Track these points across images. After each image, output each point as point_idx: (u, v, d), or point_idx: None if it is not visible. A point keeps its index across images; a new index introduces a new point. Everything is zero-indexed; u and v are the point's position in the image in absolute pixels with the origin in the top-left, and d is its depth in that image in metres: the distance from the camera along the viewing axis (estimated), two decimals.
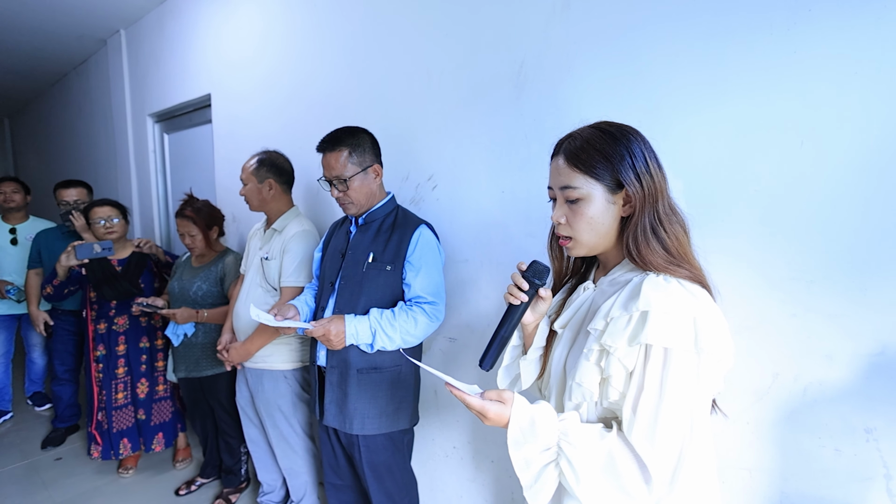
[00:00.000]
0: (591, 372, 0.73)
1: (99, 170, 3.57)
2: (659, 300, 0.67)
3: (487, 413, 0.71)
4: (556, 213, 0.79)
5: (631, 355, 0.69)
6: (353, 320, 1.26)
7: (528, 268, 0.81)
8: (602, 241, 0.77)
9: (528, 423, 0.70)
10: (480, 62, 1.39)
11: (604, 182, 0.73)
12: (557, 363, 0.83)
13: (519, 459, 0.70)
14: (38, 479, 2.33)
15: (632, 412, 0.68)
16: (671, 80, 1.05)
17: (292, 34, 1.97)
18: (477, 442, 1.52)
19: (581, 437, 0.69)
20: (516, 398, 0.72)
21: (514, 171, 1.35)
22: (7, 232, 2.76)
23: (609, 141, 0.73)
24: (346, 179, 1.30)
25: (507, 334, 0.82)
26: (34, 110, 4.88)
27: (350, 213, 1.36)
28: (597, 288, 0.83)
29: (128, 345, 2.20)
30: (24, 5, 2.68)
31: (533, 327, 0.89)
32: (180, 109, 2.73)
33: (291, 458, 1.79)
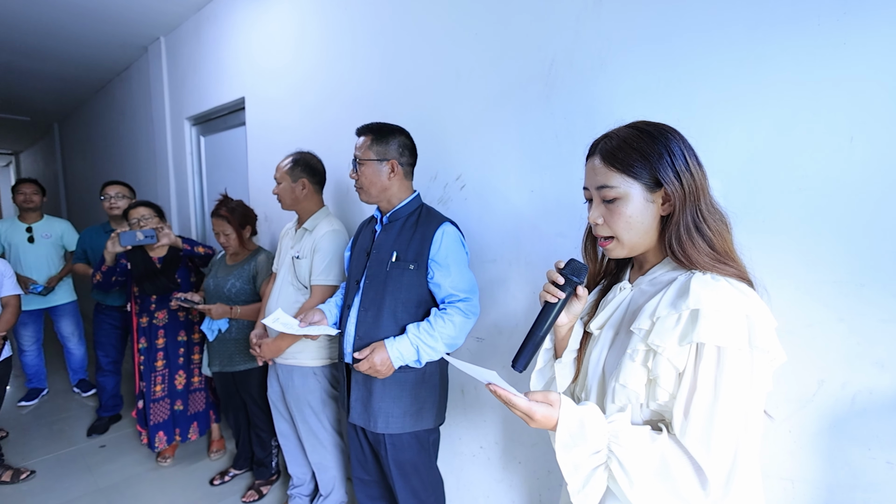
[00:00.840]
0: (637, 373, 0.72)
1: (140, 171, 3.73)
2: (710, 298, 0.65)
3: (534, 415, 0.69)
4: (593, 214, 0.78)
5: (681, 355, 0.67)
6: (394, 343, 1.28)
7: (565, 265, 0.81)
8: (642, 241, 0.76)
9: (577, 425, 0.68)
10: (510, 61, 1.38)
11: (642, 181, 0.72)
12: (595, 365, 0.82)
13: (567, 463, 0.68)
14: (84, 464, 2.46)
15: (683, 414, 0.67)
16: (709, 74, 1.02)
17: (324, 38, 2.01)
18: (504, 442, 1.51)
19: (632, 440, 0.67)
20: (563, 400, 0.70)
21: (544, 171, 1.34)
22: (24, 231, 2.97)
23: (647, 140, 0.72)
24: (359, 159, 1.35)
25: (542, 334, 0.81)
26: (81, 115, 5.15)
27: (361, 199, 1.40)
28: (634, 288, 0.81)
29: (167, 338, 2.30)
30: (73, 15, 2.83)
31: (567, 329, 0.88)
32: (216, 112, 2.83)
33: (320, 453, 1.82)
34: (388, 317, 1.33)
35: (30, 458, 2.48)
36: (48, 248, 3.04)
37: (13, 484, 2.25)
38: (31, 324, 3.10)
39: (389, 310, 1.33)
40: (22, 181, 3.03)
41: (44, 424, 2.90)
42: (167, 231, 2.16)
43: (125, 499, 2.16)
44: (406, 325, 1.33)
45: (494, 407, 1.53)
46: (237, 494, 2.17)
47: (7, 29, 3.01)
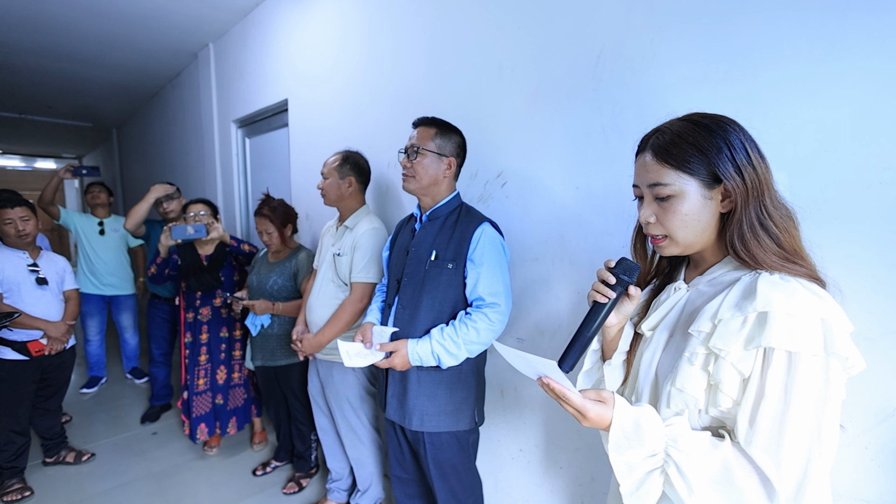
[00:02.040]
0: (696, 377, 0.68)
1: (190, 172, 3.92)
2: (780, 300, 0.61)
3: (588, 413, 0.67)
4: (645, 212, 0.74)
5: (747, 360, 0.63)
6: (414, 346, 1.28)
7: (616, 264, 0.77)
8: (699, 239, 0.72)
9: (632, 426, 0.66)
10: (555, 54, 1.34)
11: (699, 177, 0.68)
12: (648, 368, 0.78)
13: (620, 464, 0.66)
14: (138, 449, 2.60)
15: (749, 422, 0.63)
16: (775, 60, 0.95)
17: (366, 38, 2.03)
18: (545, 446, 1.48)
19: (692, 445, 0.64)
20: (618, 399, 0.68)
21: (589, 167, 1.29)
22: (96, 224, 3.29)
23: (703, 133, 0.68)
24: (419, 148, 1.33)
25: (590, 334, 0.78)
26: (136, 121, 5.47)
27: (408, 187, 1.36)
28: (691, 288, 0.77)
29: (209, 334, 2.39)
30: (131, 26, 3.00)
31: (616, 330, 0.85)
32: (260, 114, 2.92)
33: (358, 449, 1.84)
34: (425, 316, 1.32)
35: (90, 442, 2.65)
36: (116, 240, 3.34)
37: (76, 465, 2.41)
38: (97, 314, 3.35)
39: (426, 309, 1.32)
40: (92, 184, 3.38)
41: (103, 410, 3.10)
42: (217, 226, 2.25)
43: (175, 484, 2.26)
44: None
45: (535, 409, 1.50)
46: (278, 485, 2.23)
47: (74, 41, 3.23)
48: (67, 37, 3.16)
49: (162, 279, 2.37)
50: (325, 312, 1.77)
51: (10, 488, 2.12)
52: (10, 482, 2.13)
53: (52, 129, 6.39)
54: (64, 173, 2.99)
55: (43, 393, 2.30)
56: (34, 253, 2.20)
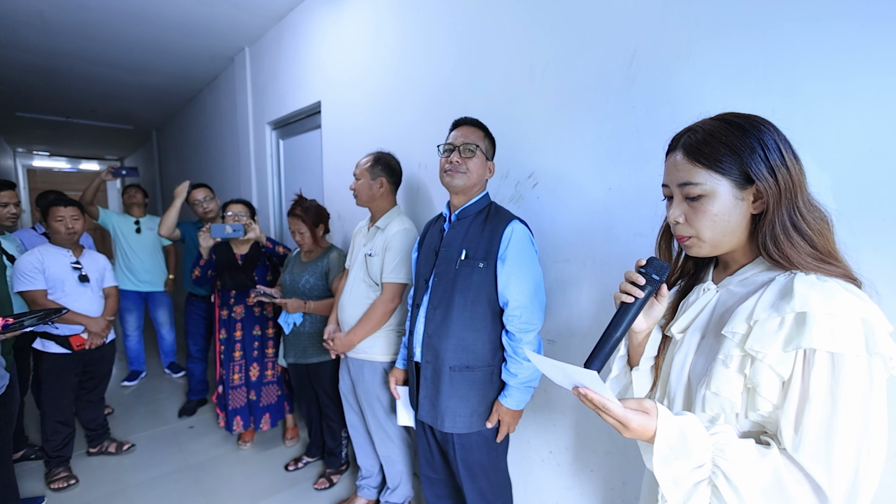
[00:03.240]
0: (732, 381, 0.66)
1: (225, 173, 4.05)
2: (819, 300, 0.60)
3: (629, 424, 0.64)
4: (674, 212, 0.73)
5: (786, 362, 0.62)
6: (507, 398, 1.33)
7: (646, 263, 0.76)
8: (728, 240, 0.71)
9: (677, 437, 0.63)
10: (588, 54, 1.33)
11: (730, 177, 0.67)
12: (680, 371, 0.77)
13: (666, 478, 0.63)
14: (176, 441, 2.71)
15: (794, 428, 0.61)
16: (818, 58, 0.91)
17: (398, 40, 2.06)
18: (575, 449, 1.46)
19: (740, 454, 0.62)
20: (660, 408, 0.66)
21: (622, 167, 1.27)
22: (133, 223, 3.46)
23: (736, 133, 0.67)
24: (476, 146, 1.36)
25: (618, 335, 0.76)
26: (175, 123, 5.69)
27: (456, 183, 1.36)
28: (720, 289, 0.76)
29: (243, 331, 2.47)
30: (171, 31, 3.13)
31: (644, 335, 0.83)
32: (294, 117, 3.00)
33: (388, 447, 1.87)
34: (458, 315, 1.33)
35: (131, 434, 2.77)
36: (152, 238, 3.49)
37: (117, 455, 2.53)
38: (135, 310, 3.51)
39: (458, 308, 1.33)
40: (129, 186, 3.56)
41: (142, 403, 3.24)
42: (254, 226, 2.32)
43: (211, 477, 2.34)
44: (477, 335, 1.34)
45: (565, 411, 1.49)
46: (310, 481, 2.28)
47: (118, 48, 3.39)
48: (112, 43, 3.32)
49: (206, 280, 2.46)
50: (356, 312, 1.80)
51: (57, 476, 2.23)
52: (56, 470, 2.25)
53: (95, 132, 6.71)
54: (106, 175, 3.14)
55: (86, 385, 2.42)
56: (77, 251, 2.31)
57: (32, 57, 3.57)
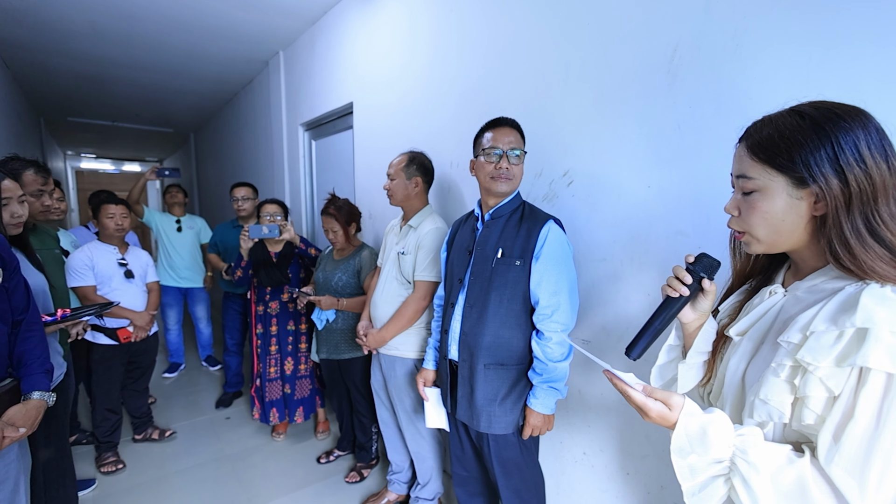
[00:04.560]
0: (781, 390, 0.64)
1: (260, 174, 4.17)
2: (885, 317, 0.56)
3: (649, 412, 0.68)
4: (729, 204, 0.72)
5: (838, 377, 0.59)
6: (536, 402, 1.33)
7: (696, 260, 0.75)
8: (784, 240, 0.68)
9: (697, 431, 0.65)
10: (626, 50, 1.31)
11: (788, 174, 0.63)
12: (733, 374, 0.75)
13: (682, 467, 0.66)
14: (213, 431, 2.81)
15: (833, 440, 0.59)
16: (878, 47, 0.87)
17: (430, 40, 2.07)
18: (610, 451, 1.44)
19: (764, 458, 0.62)
20: (687, 403, 0.67)
21: (662, 165, 1.25)
22: (174, 222, 3.60)
23: (804, 128, 0.62)
24: (524, 153, 1.37)
25: (660, 326, 0.78)
26: (212, 126, 5.90)
27: (503, 189, 1.36)
28: (788, 293, 0.72)
29: (278, 326, 2.54)
30: (209, 37, 3.25)
31: (695, 328, 0.81)
32: (326, 118, 3.06)
33: (419, 443, 1.88)
34: (493, 313, 1.33)
35: (172, 422, 2.90)
36: (192, 237, 3.64)
37: (160, 442, 2.65)
38: (175, 305, 3.66)
39: (494, 306, 1.33)
40: (171, 186, 3.71)
41: (182, 394, 3.38)
42: (289, 228, 2.38)
43: (246, 466, 2.42)
44: (511, 333, 1.34)
45: (599, 412, 1.46)
46: (341, 474, 2.33)
47: (161, 54, 3.55)
48: (157, 51, 3.47)
49: (247, 280, 2.56)
50: (388, 309, 1.82)
51: (107, 460, 2.36)
52: (105, 455, 2.38)
53: (138, 135, 7.04)
54: (150, 175, 3.29)
55: (131, 375, 2.54)
56: (122, 248, 2.43)
57: (84, 65, 3.77)
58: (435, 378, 1.60)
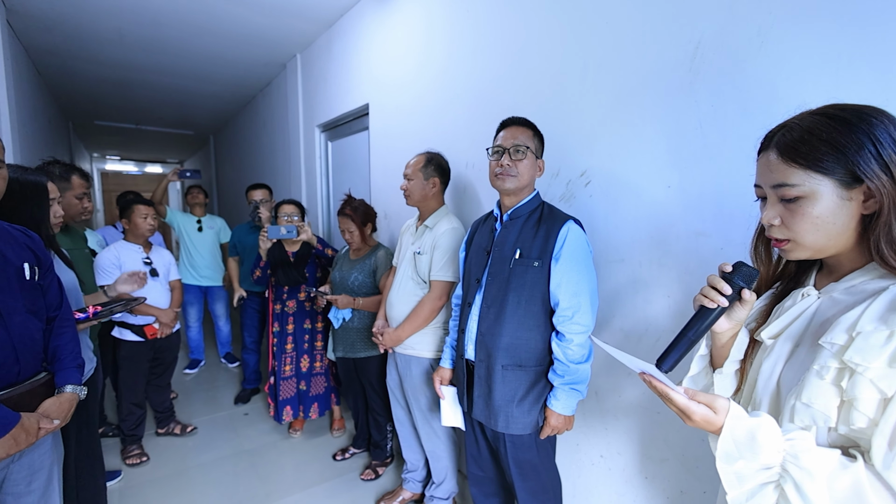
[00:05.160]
0: (827, 392, 0.63)
1: (277, 175, 4.24)
2: None
3: (692, 415, 0.65)
4: (768, 214, 0.69)
5: (890, 378, 0.57)
6: (557, 403, 1.32)
7: (733, 270, 0.73)
8: (833, 243, 0.66)
9: (745, 436, 0.62)
10: (646, 48, 1.29)
11: (834, 176, 0.62)
12: (767, 378, 0.73)
13: (728, 474, 0.63)
14: (233, 426, 2.87)
15: (889, 445, 0.57)
16: None
17: (446, 41, 2.08)
18: (629, 454, 1.42)
19: (817, 463, 0.60)
20: (732, 406, 0.65)
21: (683, 164, 1.23)
22: (195, 222, 3.67)
23: (840, 128, 0.62)
24: (527, 148, 1.34)
25: (694, 337, 0.75)
26: (230, 128, 6.02)
27: (507, 186, 1.35)
28: (822, 295, 0.71)
29: (295, 325, 2.58)
30: (229, 42, 3.31)
31: (728, 337, 0.79)
32: (342, 119, 3.09)
33: (434, 442, 1.89)
34: (511, 314, 1.33)
35: (193, 417, 2.96)
36: (212, 236, 3.72)
37: (182, 436, 2.71)
38: (196, 303, 3.74)
39: (512, 307, 1.33)
40: (192, 187, 3.79)
41: (202, 390, 3.45)
42: (306, 228, 2.42)
43: (264, 461, 2.47)
44: (529, 333, 1.34)
45: (617, 415, 1.45)
46: (356, 471, 2.35)
47: (183, 59, 3.64)
48: (180, 56, 3.56)
49: (266, 280, 2.60)
50: (404, 308, 1.84)
51: (132, 453, 2.43)
52: (131, 447, 2.45)
53: (160, 137, 7.21)
54: (172, 176, 3.37)
55: (155, 371, 2.61)
56: (147, 248, 2.49)
57: (110, 70, 3.89)
58: (451, 377, 1.61)
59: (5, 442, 1.00)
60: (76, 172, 1.97)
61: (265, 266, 2.54)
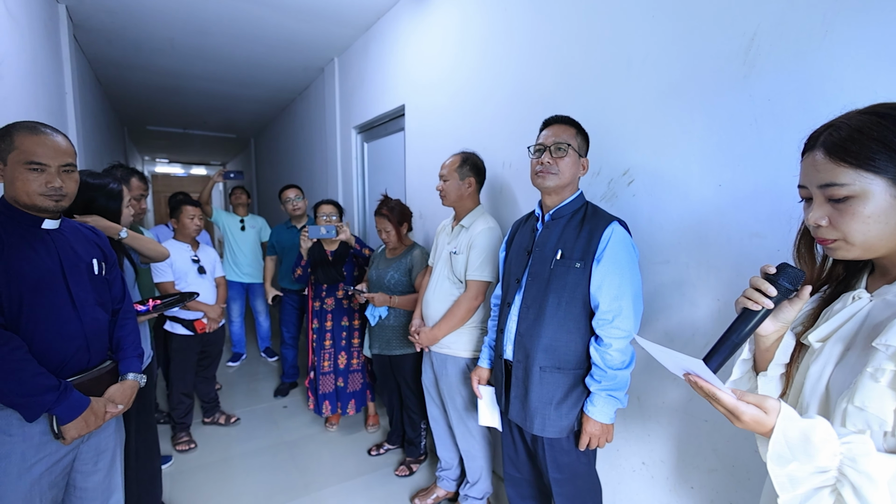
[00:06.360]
0: (882, 396, 0.60)
1: (314, 176, 4.36)
2: None
3: (741, 416, 0.64)
4: (815, 215, 0.67)
5: None
6: (595, 410, 1.27)
7: (777, 271, 0.71)
8: (884, 243, 0.64)
9: (798, 438, 0.61)
10: (695, 41, 1.25)
11: (887, 175, 0.61)
12: (816, 381, 0.71)
13: (780, 476, 0.62)
14: (272, 419, 2.97)
15: None
16: None
17: (481, 40, 2.07)
18: (673, 462, 1.38)
19: (879, 467, 0.57)
20: (784, 407, 0.63)
21: (736, 162, 1.18)
22: (238, 222, 3.81)
23: (893, 127, 0.60)
24: (568, 145, 1.32)
25: (738, 340, 0.74)
26: (270, 131, 6.23)
27: (547, 184, 1.33)
28: (875, 298, 0.69)
29: (333, 322, 2.64)
30: (271, 48, 3.43)
31: (773, 340, 0.77)
32: (378, 120, 3.15)
33: (469, 442, 1.89)
34: (551, 315, 1.31)
35: (236, 408, 3.09)
36: (254, 235, 3.86)
37: (226, 426, 2.84)
38: (239, 299, 3.90)
39: (552, 308, 1.31)
40: (235, 188, 3.94)
41: (244, 382, 3.59)
42: (345, 229, 2.48)
43: (303, 453, 2.54)
44: (569, 339, 1.31)
45: (661, 421, 1.41)
46: (391, 467, 2.39)
47: (229, 66, 3.80)
48: (224, 62, 3.72)
49: (307, 278, 2.69)
50: (441, 308, 1.85)
51: (181, 440, 2.57)
52: (180, 435, 2.59)
53: (204, 141, 7.56)
54: (217, 177, 3.52)
55: (202, 363, 2.74)
56: (195, 246, 2.62)
57: (162, 78, 4.11)
58: (489, 376, 1.61)
59: (77, 423, 1.09)
60: (136, 175, 2.11)
61: (306, 265, 2.62)
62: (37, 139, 1.08)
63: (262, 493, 2.18)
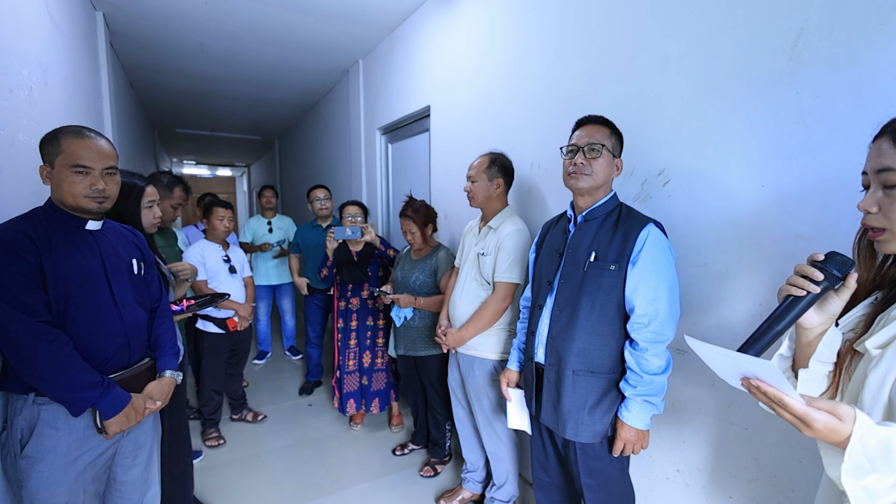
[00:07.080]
0: None
1: (338, 177, 4.40)
2: None
3: (813, 423, 0.59)
4: (866, 201, 0.65)
5: None
6: (629, 414, 1.24)
7: (826, 258, 0.69)
8: None
9: (879, 448, 0.57)
10: (736, 37, 1.21)
11: None
12: (878, 390, 0.66)
13: (857, 490, 0.57)
14: (298, 416, 3.01)
15: None
16: None
17: (508, 39, 2.05)
18: (710, 471, 1.34)
19: None
20: (859, 414, 0.59)
21: (780, 162, 1.13)
22: (266, 224, 3.87)
23: None
24: (602, 146, 1.29)
25: (781, 329, 0.70)
26: (294, 132, 6.33)
27: (580, 185, 1.30)
28: None
29: (358, 321, 2.67)
30: (297, 51, 3.48)
31: (816, 334, 0.73)
32: (403, 121, 3.16)
33: (496, 444, 1.88)
34: (584, 318, 1.29)
35: (262, 405, 3.14)
36: (280, 236, 3.91)
37: (253, 423, 2.89)
38: (266, 298, 3.97)
39: (585, 311, 1.29)
40: (265, 187, 3.98)
41: (269, 380, 3.66)
42: (370, 230, 2.50)
43: (328, 451, 2.57)
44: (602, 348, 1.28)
45: (697, 427, 1.37)
46: (415, 467, 2.39)
47: (256, 69, 3.87)
48: (253, 66, 3.79)
49: (332, 278, 2.72)
50: (468, 309, 1.84)
51: (210, 435, 2.63)
52: (210, 430, 2.65)
53: (230, 143, 7.73)
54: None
55: (231, 361, 2.80)
56: (225, 246, 2.68)
57: (192, 82, 4.22)
58: (518, 379, 1.59)
59: (119, 419, 1.12)
60: (180, 185, 2.17)
61: (332, 265, 2.64)
62: (82, 143, 1.11)
63: (289, 489, 2.21)
